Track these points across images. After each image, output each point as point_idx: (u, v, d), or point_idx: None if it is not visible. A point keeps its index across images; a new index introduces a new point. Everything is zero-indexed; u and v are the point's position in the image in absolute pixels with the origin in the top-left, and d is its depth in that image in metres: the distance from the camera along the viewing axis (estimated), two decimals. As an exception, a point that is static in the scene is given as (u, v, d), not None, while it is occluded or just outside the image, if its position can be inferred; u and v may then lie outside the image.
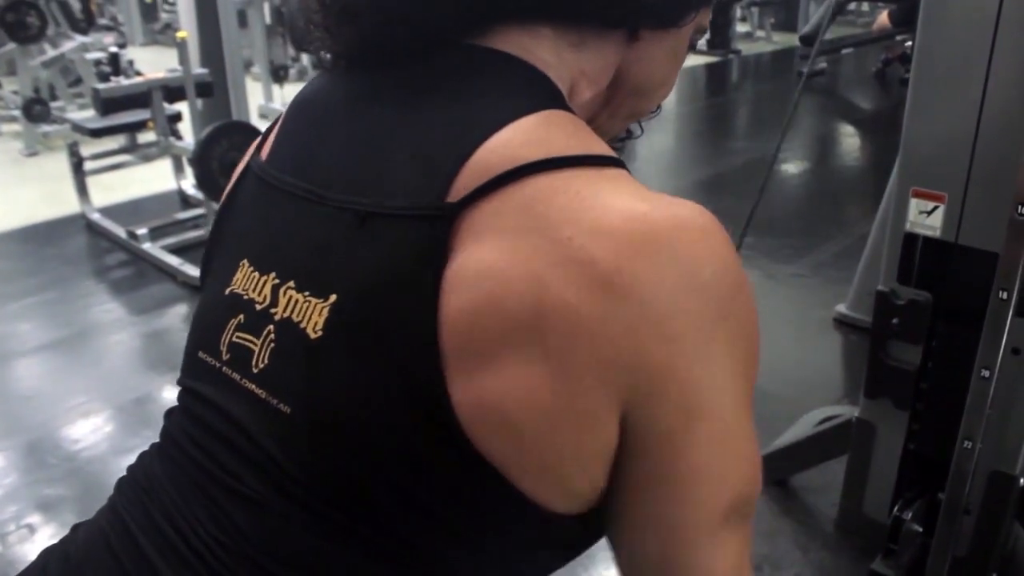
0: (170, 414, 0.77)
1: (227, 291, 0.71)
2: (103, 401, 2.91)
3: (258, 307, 0.67)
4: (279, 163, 0.73)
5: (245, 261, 0.71)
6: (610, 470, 0.61)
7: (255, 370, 0.66)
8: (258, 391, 0.65)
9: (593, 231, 0.56)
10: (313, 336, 0.62)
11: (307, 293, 0.64)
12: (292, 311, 0.64)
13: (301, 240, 0.67)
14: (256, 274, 0.69)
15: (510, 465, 0.58)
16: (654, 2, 0.68)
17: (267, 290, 0.67)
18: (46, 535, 2.27)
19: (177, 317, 3.61)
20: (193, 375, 0.74)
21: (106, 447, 2.66)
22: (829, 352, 3.21)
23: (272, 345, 0.65)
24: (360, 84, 0.71)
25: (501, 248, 0.56)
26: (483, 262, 0.57)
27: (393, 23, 0.66)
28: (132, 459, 0.77)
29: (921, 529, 1.76)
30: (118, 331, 3.49)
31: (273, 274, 0.67)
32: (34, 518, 2.34)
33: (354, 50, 0.70)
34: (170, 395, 3.04)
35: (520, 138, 0.60)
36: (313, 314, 0.63)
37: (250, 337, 0.67)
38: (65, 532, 0.78)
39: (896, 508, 1.80)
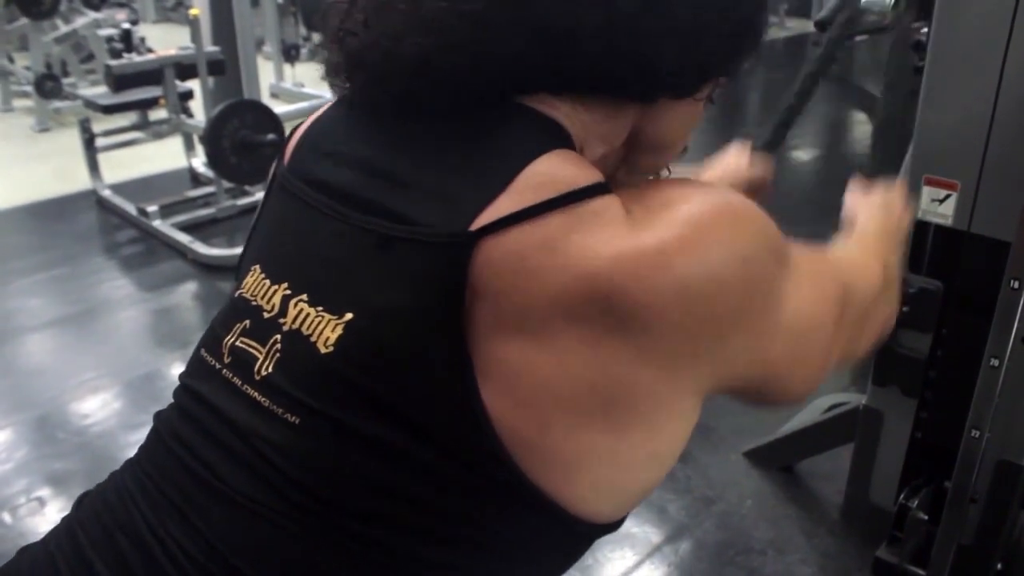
0: (158, 415, 0.76)
1: (236, 293, 0.72)
2: (112, 377, 2.93)
3: (266, 315, 0.68)
4: (301, 173, 0.73)
5: (257, 267, 0.71)
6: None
7: (257, 377, 0.66)
8: (260, 399, 0.65)
9: (614, 259, 0.59)
10: (323, 351, 0.63)
11: (320, 308, 0.64)
12: (302, 324, 0.65)
13: (319, 255, 0.67)
14: (267, 281, 0.69)
15: (533, 460, 0.61)
16: (675, 79, 0.69)
17: (277, 299, 0.68)
18: (55, 508, 2.29)
19: (186, 295, 3.63)
20: (193, 373, 0.74)
21: (115, 422, 2.68)
22: (837, 340, 3.20)
23: (278, 355, 0.66)
24: (390, 115, 0.71)
25: (529, 290, 0.60)
26: (508, 324, 0.60)
27: (425, 91, 0.66)
28: (141, 434, 0.77)
29: (927, 517, 1.76)
30: (128, 308, 3.50)
31: (285, 284, 0.68)
32: (43, 491, 2.36)
33: (379, 102, 0.71)
34: (178, 372, 3.04)
35: (536, 180, 0.62)
36: (325, 329, 0.63)
37: (255, 344, 0.68)
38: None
39: (902, 496, 1.79)
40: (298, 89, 6.48)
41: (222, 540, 0.64)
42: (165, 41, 6.00)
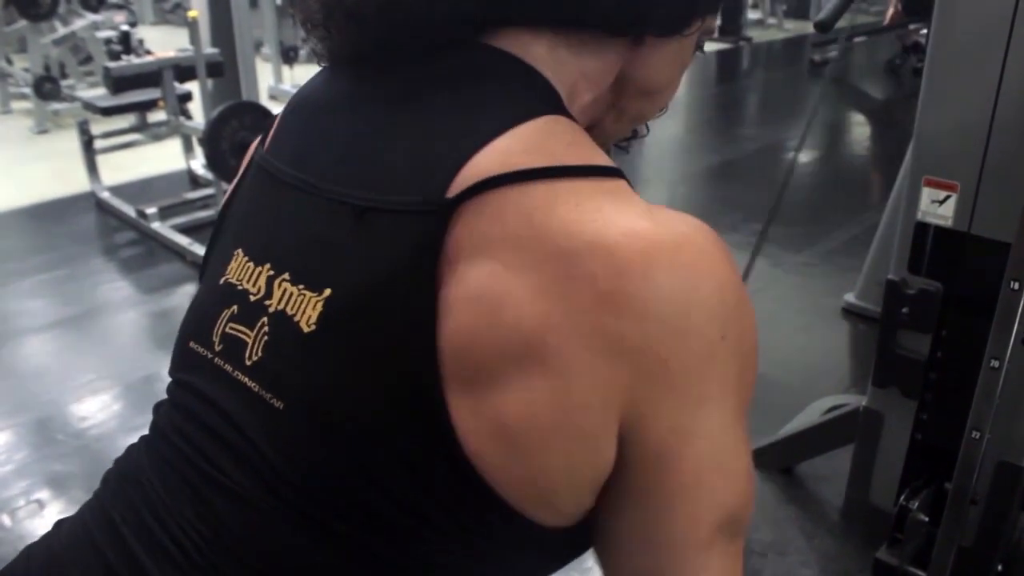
0: (158, 407, 0.76)
1: (221, 280, 0.70)
2: (111, 379, 2.92)
3: (252, 298, 0.66)
4: (279, 154, 0.72)
5: (240, 251, 0.70)
6: (599, 488, 0.61)
7: (248, 362, 0.65)
8: (251, 384, 0.64)
9: (593, 246, 0.55)
10: (306, 330, 0.61)
11: (302, 286, 0.63)
12: (287, 304, 0.63)
13: (297, 232, 0.66)
14: (251, 264, 0.68)
15: (499, 476, 0.58)
16: (658, 11, 0.67)
17: (261, 281, 0.66)
18: (55, 510, 2.29)
19: (185, 297, 3.62)
20: (184, 366, 0.72)
21: (114, 424, 2.68)
22: (837, 341, 3.20)
23: (266, 338, 0.64)
24: (361, 81, 0.70)
25: (502, 258, 0.56)
26: (479, 282, 0.56)
27: (399, 27, 0.65)
28: (139, 437, 0.77)
29: (927, 518, 1.76)
30: (127, 309, 3.50)
31: (268, 265, 0.66)
32: (43, 493, 2.36)
33: (357, 50, 0.69)
34: (178, 374, 3.05)
35: (520, 145, 0.59)
36: (307, 308, 0.62)
37: (243, 328, 0.66)
38: (73, 508, 0.78)
39: (902, 497, 1.79)
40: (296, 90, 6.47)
41: (226, 529, 0.64)
42: (163, 43, 6.00)
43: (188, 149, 4.74)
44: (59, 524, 0.76)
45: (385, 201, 0.60)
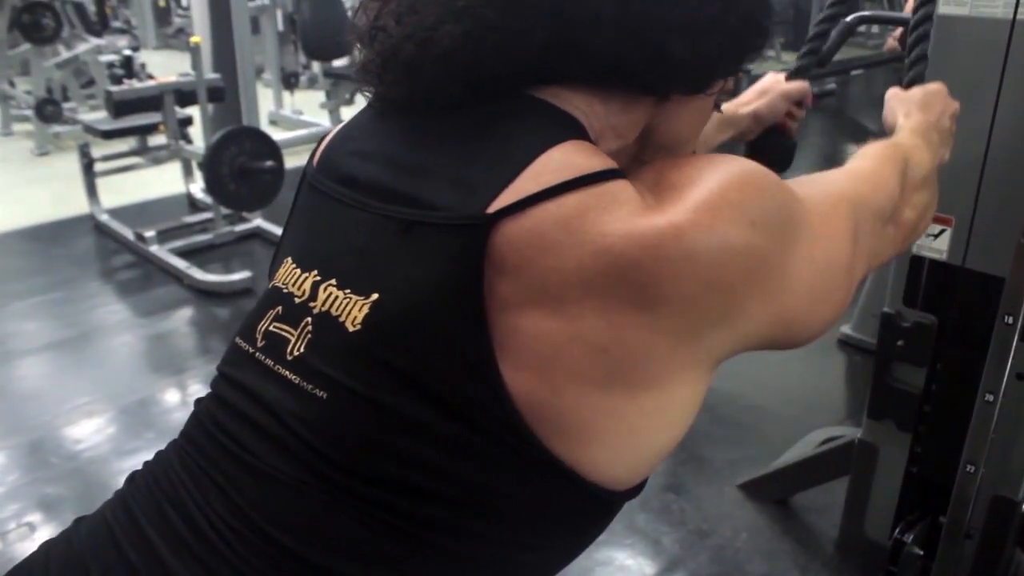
0: (199, 401, 0.81)
1: (270, 284, 0.78)
2: (106, 402, 2.92)
3: (297, 300, 0.73)
4: (328, 173, 0.79)
5: (289, 259, 0.77)
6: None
7: (289, 357, 0.72)
8: (291, 376, 0.71)
9: (628, 236, 0.63)
10: (351, 329, 0.68)
11: (348, 291, 0.70)
12: (331, 306, 0.70)
13: (345, 243, 0.73)
14: (298, 271, 0.75)
15: (543, 424, 0.65)
16: (685, 73, 0.74)
17: (307, 286, 0.73)
18: (46, 533, 2.27)
19: (182, 320, 3.63)
20: (229, 362, 0.79)
21: (108, 448, 2.67)
22: (832, 373, 3.20)
23: (309, 336, 0.71)
24: (407, 117, 0.77)
25: (541, 250, 0.64)
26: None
27: (450, 80, 0.72)
28: (134, 460, 0.80)
29: (922, 552, 1.75)
30: (123, 333, 3.50)
31: (315, 271, 0.73)
32: (35, 516, 2.35)
33: (407, 95, 0.76)
34: (173, 398, 3.06)
35: (551, 164, 0.67)
36: (353, 309, 0.68)
37: (287, 327, 0.73)
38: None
39: (897, 530, 1.79)
40: (297, 116, 6.50)
41: (257, 510, 0.69)
42: (165, 67, 6.04)
43: (188, 173, 4.76)
44: (78, 522, 0.79)
45: (432, 216, 0.67)
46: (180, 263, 3.87)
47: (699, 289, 0.64)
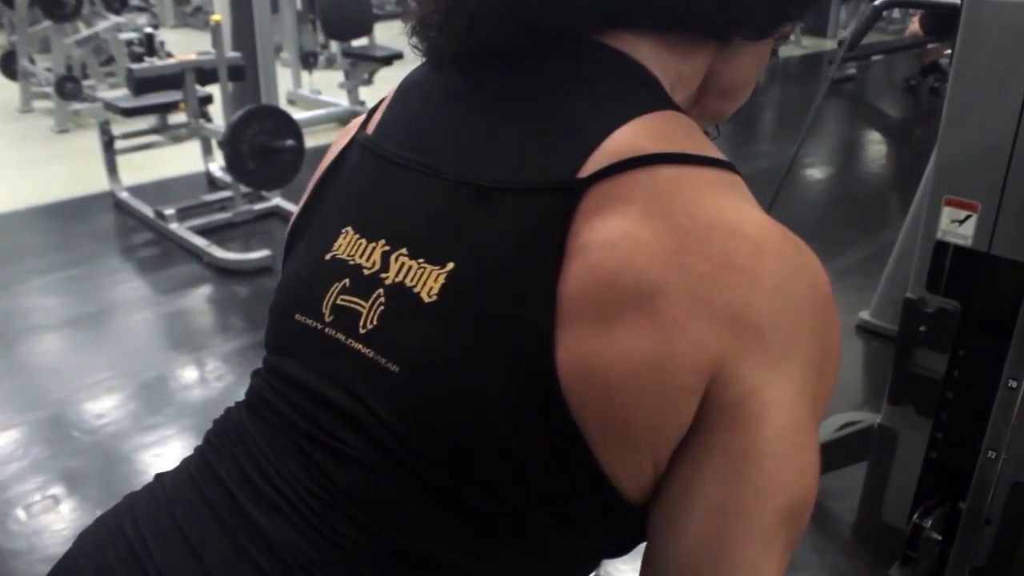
0: (257, 374, 0.79)
1: (327, 256, 0.74)
2: (126, 378, 2.94)
3: (366, 272, 0.70)
4: (389, 138, 0.76)
5: (349, 228, 0.74)
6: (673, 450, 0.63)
7: (362, 331, 0.69)
8: (365, 351, 0.68)
9: (712, 226, 0.61)
10: (427, 300, 0.65)
11: (421, 260, 0.67)
12: (405, 276, 0.67)
13: (414, 211, 0.70)
14: (363, 241, 0.72)
15: (597, 435, 0.62)
16: (753, 16, 0.72)
17: (376, 256, 0.70)
18: (69, 506, 2.30)
19: (201, 298, 3.65)
20: (287, 337, 0.76)
21: (129, 423, 2.69)
22: (851, 358, 3.19)
23: (381, 308, 0.68)
24: (469, 75, 0.74)
25: (627, 226, 0.61)
26: (611, 233, 0.61)
27: (518, 27, 0.69)
28: (154, 436, 0.80)
29: (940, 538, 1.76)
30: (143, 309, 3.52)
31: (383, 241, 0.70)
32: (58, 489, 2.37)
33: (471, 50, 0.73)
34: (192, 375, 3.08)
35: (646, 132, 0.64)
36: (428, 280, 0.66)
37: (357, 300, 0.70)
38: (88, 503, 0.79)
39: (916, 516, 1.79)
40: (315, 96, 6.51)
41: (334, 485, 0.68)
42: (183, 46, 6.05)
43: (207, 151, 4.77)
44: (159, 477, 0.79)
45: (511, 181, 0.65)
46: (200, 241, 3.89)
47: (775, 315, 0.61)
